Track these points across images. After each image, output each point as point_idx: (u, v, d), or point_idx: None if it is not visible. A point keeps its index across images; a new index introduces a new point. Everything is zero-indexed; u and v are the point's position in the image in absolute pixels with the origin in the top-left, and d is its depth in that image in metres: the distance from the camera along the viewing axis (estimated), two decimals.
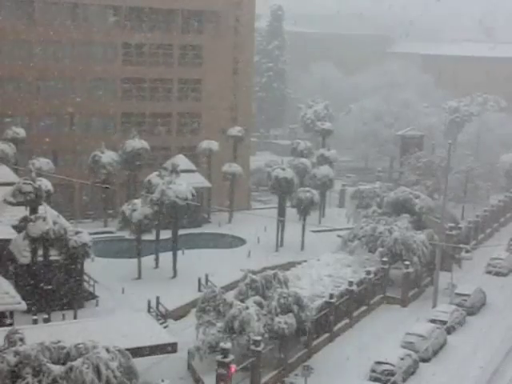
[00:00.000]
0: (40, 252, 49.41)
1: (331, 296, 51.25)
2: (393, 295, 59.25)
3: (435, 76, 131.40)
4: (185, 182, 62.16)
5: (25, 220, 50.11)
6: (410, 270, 59.45)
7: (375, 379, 44.66)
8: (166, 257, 62.25)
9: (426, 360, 48.19)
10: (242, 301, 45.28)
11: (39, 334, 36.77)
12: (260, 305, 44.79)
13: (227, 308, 44.70)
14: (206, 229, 76.27)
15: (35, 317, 46.37)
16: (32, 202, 51.49)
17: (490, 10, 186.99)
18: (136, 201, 61.39)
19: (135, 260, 60.62)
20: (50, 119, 76.58)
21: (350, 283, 54.44)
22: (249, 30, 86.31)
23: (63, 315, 49.64)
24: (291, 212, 71.78)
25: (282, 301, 44.88)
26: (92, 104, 77.31)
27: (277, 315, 44.23)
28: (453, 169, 76.62)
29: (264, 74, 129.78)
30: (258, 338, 42.33)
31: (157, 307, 53.33)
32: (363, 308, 56.10)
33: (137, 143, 74.22)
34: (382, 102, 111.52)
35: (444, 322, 52.73)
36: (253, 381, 42.42)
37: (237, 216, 78.20)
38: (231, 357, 40.61)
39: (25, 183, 51.61)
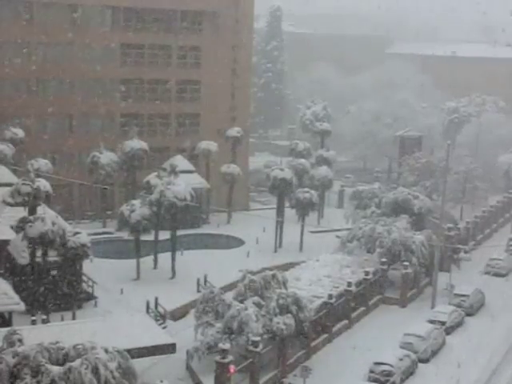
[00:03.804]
0: (39, 253, 49.38)
1: (330, 297, 51.28)
2: (391, 296, 59.29)
3: (434, 76, 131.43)
4: (183, 183, 62.15)
5: (23, 221, 49.99)
6: (409, 270, 59.50)
7: (374, 380, 44.61)
8: (164, 257, 62.24)
9: (424, 361, 48.21)
10: (241, 301, 45.31)
11: (38, 335, 36.75)
12: (259, 305, 44.82)
13: (226, 309, 44.71)
14: (204, 229, 76.24)
15: (34, 317, 46.28)
16: (31, 202, 51.44)
17: (489, 11, 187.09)
18: (135, 201, 61.38)
19: (134, 261, 60.60)
20: (49, 120, 76.55)
21: (349, 284, 54.47)
22: (247, 30, 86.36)
23: (62, 316, 49.62)
24: (290, 213, 71.77)
25: (280, 301, 44.91)
26: (91, 104, 77.33)
27: (275, 316, 44.25)
28: (451, 169, 76.64)
29: (263, 74, 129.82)
30: (257, 338, 42.35)
31: (155, 308, 53.33)
32: (362, 309, 56.12)
33: (135, 144, 74.17)
34: (380, 102, 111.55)
35: (443, 323, 52.75)
36: (251, 381, 42.43)
37: (235, 217, 78.17)
38: (230, 357, 40.62)
39: (23, 184, 51.56)
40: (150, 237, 62.15)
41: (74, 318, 50.20)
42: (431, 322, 52.49)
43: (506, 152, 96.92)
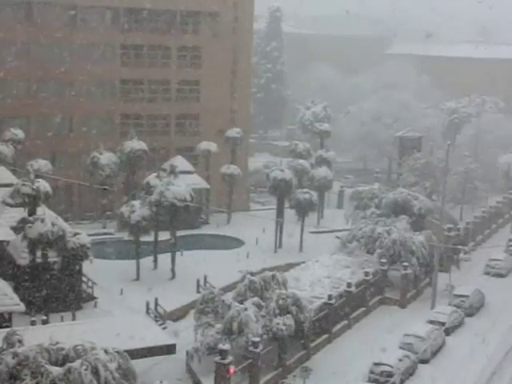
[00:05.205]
0: (38, 253, 49.39)
1: (330, 297, 51.26)
2: (391, 296, 59.26)
3: (433, 77, 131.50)
4: (183, 184, 62.15)
5: (23, 221, 50.03)
6: (409, 271, 59.46)
7: (374, 380, 44.59)
8: (164, 258, 62.24)
9: (424, 361, 48.14)
10: (241, 302, 45.28)
11: (37, 336, 36.70)
12: (259, 306, 44.79)
13: (226, 309, 44.71)
14: (204, 230, 76.23)
15: (33, 318, 46.29)
16: (30, 203, 51.43)
17: (488, 11, 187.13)
18: (134, 202, 61.39)
19: (134, 261, 60.57)
20: (49, 120, 76.51)
21: (349, 284, 54.46)
22: (247, 31, 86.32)
23: (62, 317, 49.54)
24: (290, 213, 71.78)
25: (280, 302, 44.88)
26: (90, 105, 77.30)
27: (275, 316, 44.23)
28: (451, 170, 76.63)
29: (262, 75, 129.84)
30: (257, 339, 42.32)
31: (155, 308, 53.32)
32: (362, 309, 56.09)
33: (135, 144, 74.14)
34: (380, 103, 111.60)
35: (443, 323, 52.72)
36: (251, 382, 42.41)
37: (235, 217, 78.15)
38: (230, 358, 40.61)
39: (23, 184, 51.52)
40: (149, 237, 62.11)
41: (73, 318, 50.16)
42: (431, 322, 52.45)
43: (506, 152, 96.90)
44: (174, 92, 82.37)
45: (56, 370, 31.80)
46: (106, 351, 33.38)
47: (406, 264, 59.34)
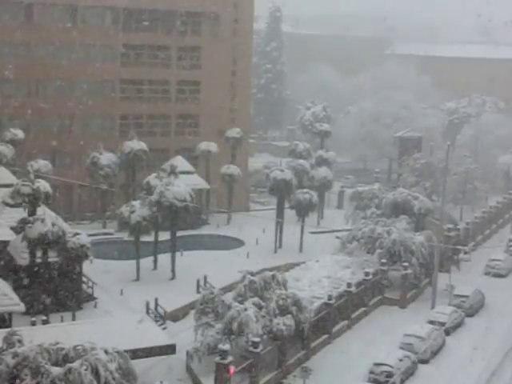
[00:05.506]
0: (38, 253, 49.38)
1: (330, 297, 51.25)
2: (391, 296, 59.26)
3: (433, 77, 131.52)
4: (183, 184, 62.14)
5: (23, 222, 50.04)
6: (409, 271, 59.47)
7: (374, 380, 44.59)
8: (164, 258, 62.23)
9: (424, 361, 48.14)
10: (241, 302, 45.30)
11: (37, 336, 36.68)
12: (259, 306, 44.82)
13: (226, 309, 44.71)
14: (204, 230, 76.21)
15: (33, 318, 46.28)
16: (30, 203, 51.45)
17: (488, 12, 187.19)
18: (134, 202, 61.38)
19: (134, 261, 60.54)
20: (49, 121, 76.49)
21: (349, 284, 54.46)
22: (247, 31, 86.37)
23: (62, 317, 49.54)
24: (290, 213, 71.75)
25: (280, 302, 44.89)
26: (90, 105, 77.22)
27: (275, 317, 44.24)
28: (451, 170, 76.71)
29: (262, 75, 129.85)
30: (257, 339, 42.32)
31: (155, 309, 53.32)
32: (362, 309, 56.10)
33: (135, 145, 74.17)
34: (380, 103, 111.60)
35: (443, 324, 52.72)
36: (251, 382, 42.40)
37: (235, 217, 78.10)
38: (230, 358, 40.60)
39: (23, 185, 51.55)
40: (149, 238, 62.10)
41: (73, 318, 50.15)
42: (431, 322, 52.45)
43: (506, 153, 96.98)
44: (174, 92, 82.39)
45: (56, 370, 31.81)
46: (106, 351, 33.39)
47: (406, 264, 59.36)
